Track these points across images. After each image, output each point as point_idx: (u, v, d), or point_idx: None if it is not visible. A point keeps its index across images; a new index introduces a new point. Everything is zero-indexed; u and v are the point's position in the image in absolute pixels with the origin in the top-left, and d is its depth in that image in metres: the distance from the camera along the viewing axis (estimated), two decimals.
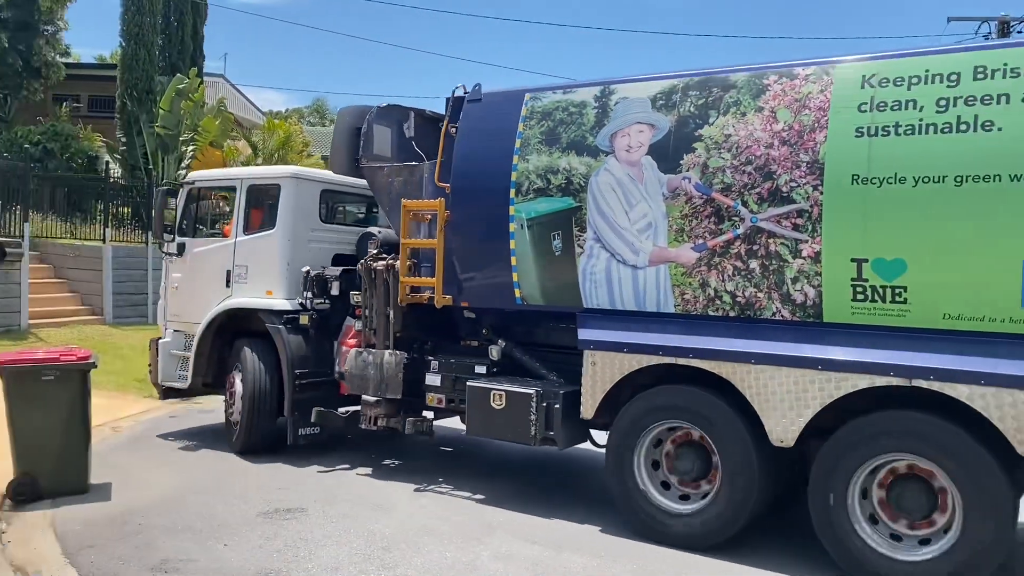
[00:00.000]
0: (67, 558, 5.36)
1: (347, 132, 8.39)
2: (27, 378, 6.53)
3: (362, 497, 6.84)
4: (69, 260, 17.54)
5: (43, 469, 6.57)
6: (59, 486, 6.63)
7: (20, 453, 6.57)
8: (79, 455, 6.81)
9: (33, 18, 22.45)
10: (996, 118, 4.87)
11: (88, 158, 22.12)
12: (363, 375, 7.78)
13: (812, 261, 5.37)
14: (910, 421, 5.09)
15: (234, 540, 5.76)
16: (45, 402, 6.60)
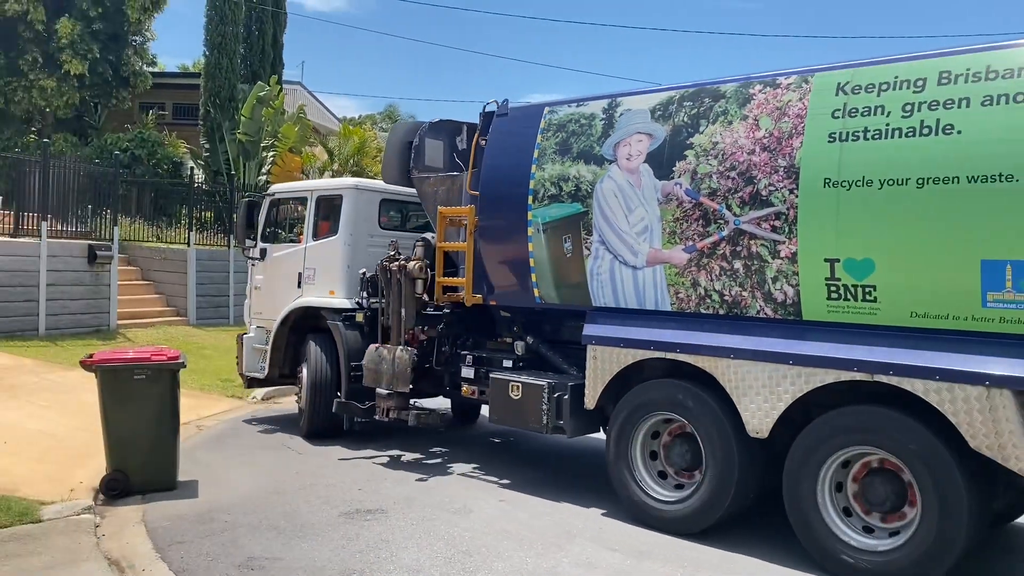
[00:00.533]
0: (158, 553, 5.48)
1: (399, 146, 9.14)
2: (120, 376, 6.67)
3: (441, 500, 6.86)
4: (156, 263, 17.96)
5: (134, 465, 6.69)
6: (149, 482, 6.75)
7: (112, 449, 6.69)
8: (168, 452, 6.93)
9: (123, 29, 23.27)
10: (956, 122, 4.97)
11: (173, 164, 22.46)
12: (377, 369, 8.37)
13: (790, 261, 5.59)
14: (871, 416, 5.22)
15: (317, 540, 5.81)
16: (137, 400, 6.71)
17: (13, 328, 13.68)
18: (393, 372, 8.23)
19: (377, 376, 8.39)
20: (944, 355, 4.93)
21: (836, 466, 5.43)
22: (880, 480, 5.31)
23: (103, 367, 6.67)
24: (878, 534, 5.35)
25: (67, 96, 22.13)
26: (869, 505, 5.38)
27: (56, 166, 15.83)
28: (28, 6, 21.12)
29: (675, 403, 6.22)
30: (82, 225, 16.27)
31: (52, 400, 9.40)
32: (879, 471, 5.35)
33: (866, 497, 5.37)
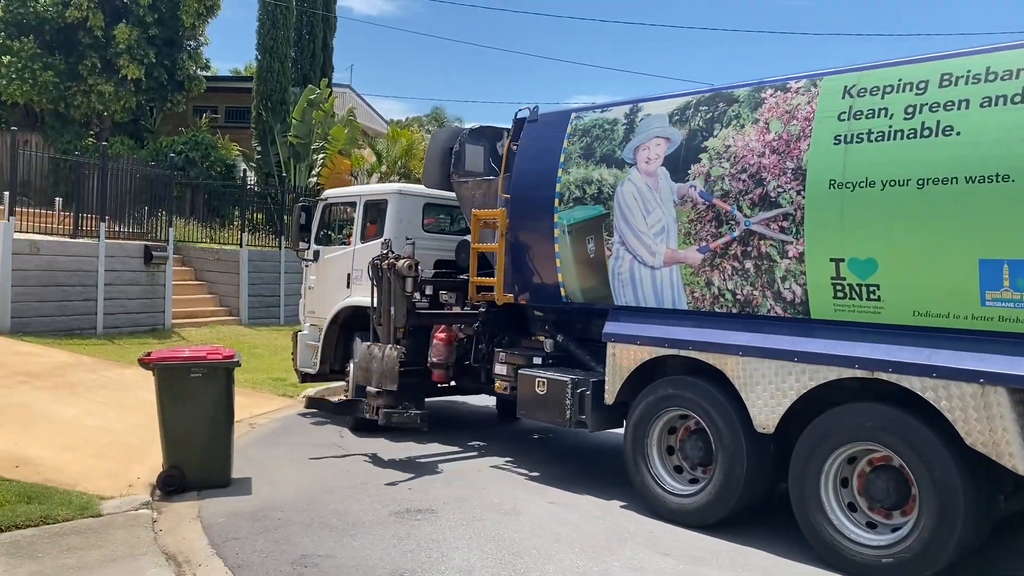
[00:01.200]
0: (213, 549, 5.60)
1: (440, 152, 9.53)
2: (177, 374, 6.84)
3: (490, 501, 6.90)
4: (209, 263, 18.35)
5: (189, 462, 6.85)
6: (204, 479, 6.92)
7: (169, 446, 6.86)
8: (223, 449, 7.07)
9: (177, 35, 23.81)
10: (955, 123, 5.09)
11: (226, 166, 22.83)
12: (368, 368, 8.54)
13: (797, 261, 5.76)
14: (872, 413, 5.37)
15: (368, 538, 5.89)
16: (193, 398, 6.87)
17: (72, 326, 14.33)
18: (382, 371, 8.40)
19: (367, 375, 8.56)
20: (942, 353, 5.07)
21: (840, 462, 5.59)
22: (882, 476, 5.45)
23: (160, 365, 6.86)
24: (880, 529, 5.49)
25: (124, 100, 22.92)
26: (872, 501, 5.53)
27: (114, 168, 16.49)
28: (88, 13, 21.93)
29: (687, 399, 6.45)
30: (138, 226, 16.86)
31: (110, 397, 9.94)
32: (881, 468, 5.50)
33: (869, 493, 5.53)
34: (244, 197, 20.30)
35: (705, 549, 5.92)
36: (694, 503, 6.35)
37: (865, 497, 5.56)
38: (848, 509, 5.61)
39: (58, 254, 14.34)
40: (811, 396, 5.67)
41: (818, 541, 5.62)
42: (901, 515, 5.41)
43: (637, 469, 6.77)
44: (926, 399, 5.09)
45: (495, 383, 8.55)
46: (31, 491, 6.17)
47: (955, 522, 4.98)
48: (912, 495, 5.29)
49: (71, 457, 7.38)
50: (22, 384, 9.83)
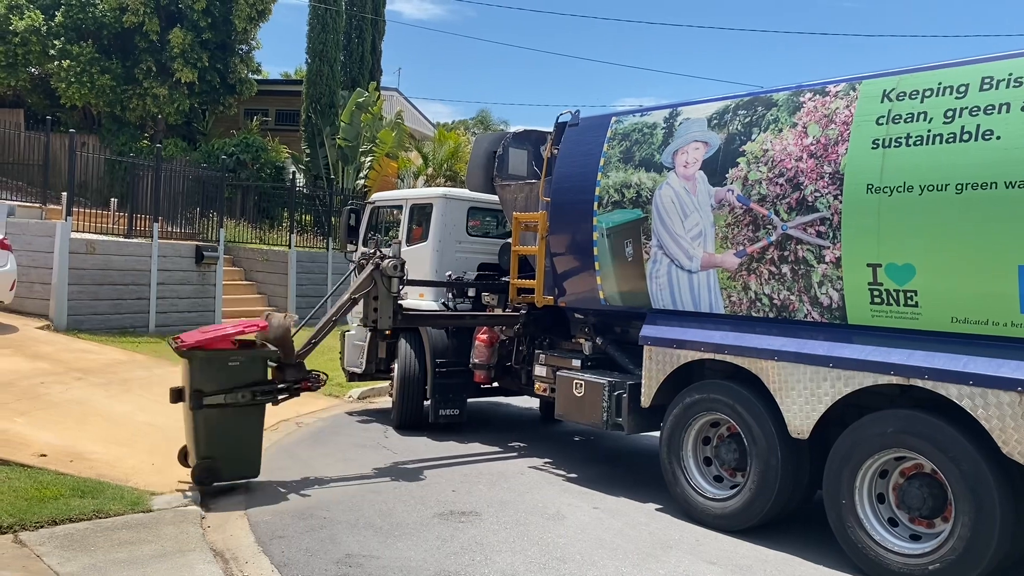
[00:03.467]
0: (260, 546, 5.70)
1: (483, 155, 9.68)
2: (214, 365, 6.91)
3: (534, 505, 6.93)
4: (258, 263, 18.66)
5: (224, 454, 6.90)
6: (237, 471, 7.03)
7: (205, 439, 6.87)
8: (255, 441, 7.15)
9: (230, 39, 24.18)
10: (996, 127, 5.04)
11: (276, 168, 23.30)
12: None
13: (834, 266, 5.74)
14: (908, 420, 5.34)
15: (412, 539, 5.96)
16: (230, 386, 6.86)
17: (125, 324, 14.77)
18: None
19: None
20: (980, 360, 5.02)
21: (876, 468, 5.57)
22: (918, 484, 5.41)
23: (200, 355, 6.86)
24: (915, 537, 5.45)
25: (178, 103, 23.46)
26: (907, 509, 5.49)
27: (167, 170, 16.93)
28: (144, 18, 22.51)
29: (723, 402, 6.46)
30: (190, 227, 17.28)
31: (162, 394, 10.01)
32: (917, 475, 5.46)
33: (904, 501, 5.49)
34: (293, 199, 20.66)
35: (752, 557, 5.89)
36: (730, 506, 6.36)
37: (904, 509, 5.52)
38: (889, 524, 5.56)
39: (113, 253, 14.78)
40: (848, 402, 5.66)
41: (850, 546, 5.60)
42: (943, 521, 5.36)
43: (673, 472, 6.80)
44: (962, 407, 5.04)
45: (535, 384, 8.64)
46: (84, 485, 6.40)
47: (992, 532, 4.93)
48: (948, 500, 5.25)
49: (123, 452, 7.63)
50: (78, 380, 10.16)
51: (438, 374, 9.52)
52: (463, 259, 10.15)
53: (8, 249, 12.75)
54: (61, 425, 8.17)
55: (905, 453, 5.41)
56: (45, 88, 23.99)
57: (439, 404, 9.52)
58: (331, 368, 12.36)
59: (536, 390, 8.64)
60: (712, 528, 6.42)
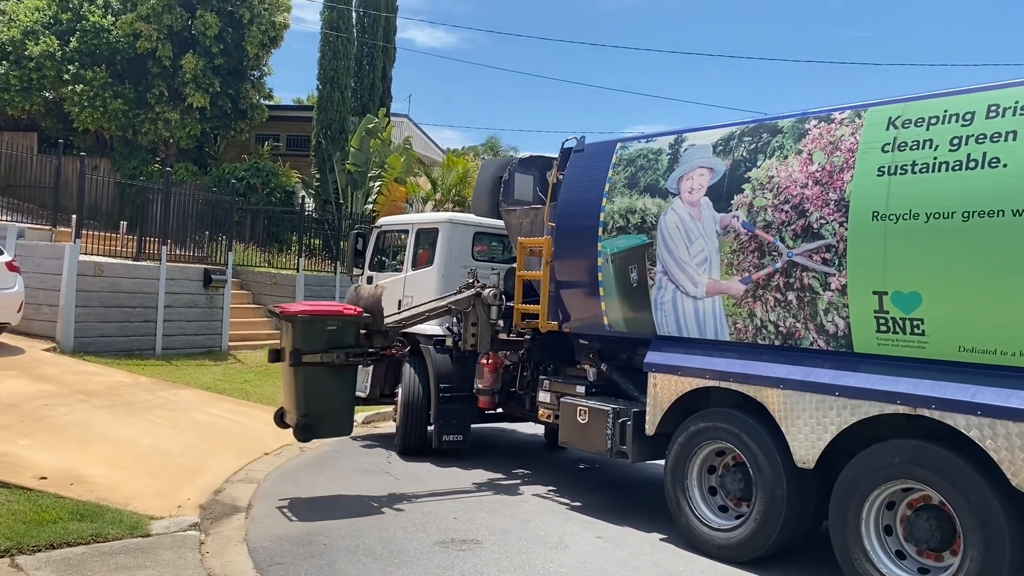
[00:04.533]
0: (258, 573, 5.65)
1: (489, 180, 9.72)
2: (315, 327, 7.52)
3: (536, 534, 6.86)
4: (266, 287, 18.68)
5: (321, 412, 7.56)
6: (332, 429, 7.85)
7: (303, 397, 7.48)
8: (348, 401, 7.84)
9: (242, 65, 24.41)
10: (1002, 155, 5.01)
11: (285, 193, 23.40)
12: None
13: (840, 293, 5.69)
14: (915, 451, 5.25)
15: (412, 568, 5.88)
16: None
17: (132, 347, 14.76)
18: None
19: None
20: (988, 390, 4.94)
21: (883, 500, 5.47)
22: (926, 517, 5.31)
23: (301, 318, 7.52)
24: (923, 571, 5.35)
25: (189, 128, 23.64)
26: (915, 542, 5.38)
27: (177, 194, 17.02)
28: (157, 44, 22.76)
29: (727, 431, 6.38)
30: (199, 250, 17.34)
31: (166, 418, 10.22)
32: (925, 507, 5.36)
33: (912, 533, 5.38)
34: (302, 223, 20.77)
35: None
36: (735, 537, 6.26)
37: (912, 542, 5.42)
38: (896, 557, 5.46)
39: (121, 276, 14.82)
40: (855, 431, 5.58)
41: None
42: (951, 554, 5.26)
43: (677, 501, 6.72)
44: (971, 438, 4.96)
45: (539, 411, 8.58)
46: (84, 509, 6.36)
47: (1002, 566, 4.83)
48: (957, 533, 5.15)
49: (124, 476, 7.59)
50: (81, 403, 10.15)
51: (442, 399, 9.48)
52: None
53: (16, 271, 12.80)
54: (63, 448, 8.15)
55: (912, 484, 5.32)
56: (59, 112, 24.22)
57: (443, 430, 9.45)
58: None
59: (540, 416, 8.58)
60: (717, 559, 6.31)
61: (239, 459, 8.77)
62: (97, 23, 22.89)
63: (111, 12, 23.45)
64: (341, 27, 24.05)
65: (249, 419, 10.93)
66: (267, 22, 23.84)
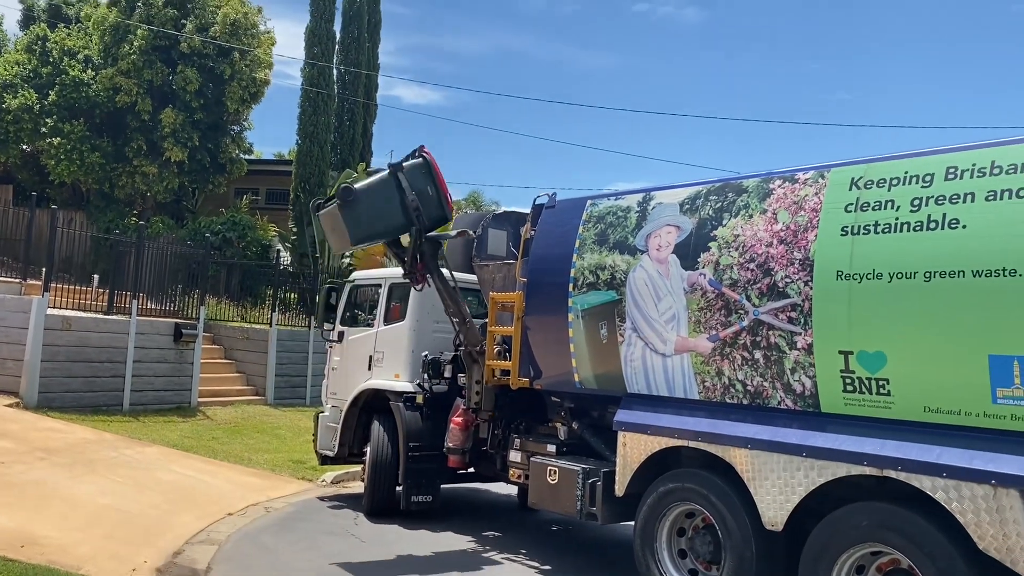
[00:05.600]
0: None
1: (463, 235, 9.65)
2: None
3: None
4: (238, 342, 18.41)
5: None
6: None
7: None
8: None
9: (222, 119, 24.47)
10: (962, 216, 5.04)
11: (262, 247, 23.17)
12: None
13: (806, 353, 5.66)
14: (883, 513, 5.19)
15: None
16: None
17: (99, 402, 14.44)
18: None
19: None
20: (953, 451, 4.90)
21: (852, 563, 5.38)
22: None
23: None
24: None
25: (167, 181, 23.61)
26: None
27: (150, 247, 16.90)
28: (137, 98, 22.84)
29: (696, 492, 6.29)
30: (171, 304, 17.15)
31: (128, 476, 9.97)
32: (895, 571, 5.27)
33: None
34: (277, 277, 20.63)
35: None
36: None
37: None
38: None
39: (90, 330, 14.60)
40: (824, 493, 5.51)
41: None
42: None
43: (646, 565, 6.60)
44: (937, 500, 4.90)
45: (509, 471, 8.44)
46: (31, 573, 6.14)
47: None
48: None
49: (79, 537, 7.35)
50: (40, 461, 9.90)
51: (411, 458, 9.30)
52: (441, 339, 10.00)
53: None
54: (16, 507, 7.90)
55: (881, 548, 5.24)
56: (35, 165, 24.16)
57: (412, 490, 9.26)
58: (306, 451, 12.18)
59: (511, 476, 8.44)
60: None
61: (202, 519, 8.54)
62: (77, 77, 22.99)
63: (91, 67, 23.57)
64: (322, 84, 24.25)
65: (215, 478, 10.69)
66: (248, 78, 24.00)
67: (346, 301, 11.09)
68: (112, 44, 23.26)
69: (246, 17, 23.91)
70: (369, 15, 26.71)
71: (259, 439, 13.91)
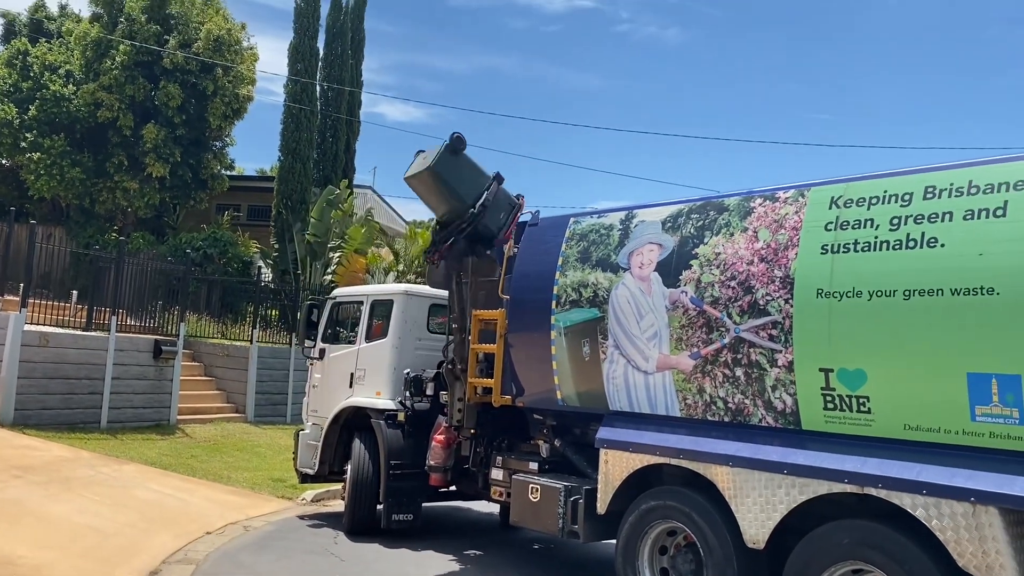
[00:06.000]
0: None
1: None
2: None
3: None
4: (219, 359, 18.30)
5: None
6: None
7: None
8: None
9: (204, 135, 24.43)
10: (940, 235, 5.10)
11: (243, 263, 23.10)
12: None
13: (787, 370, 5.69)
14: (865, 531, 5.20)
15: None
16: None
17: (76, 420, 14.27)
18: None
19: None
20: (932, 469, 4.93)
21: None
22: None
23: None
24: None
25: (148, 197, 23.47)
26: None
27: (130, 263, 16.78)
28: (118, 113, 22.74)
29: (677, 509, 6.29)
30: (151, 320, 17.00)
31: (105, 494, 9.84)
32: None
33: None
34: (258, 293, 20.49)
35: None
36: None
37: None
38: None
39: (68, 347, 14.43)
40: (806, 510, 5.51)
41: None
42: None
43: None
44: (917, 517, 4.92)
45: (491, 488, 8.40)
46: None
47: None
48: None
49: (52, 557, 7.24)
50: (16, 479, 9.75)
51: (392, 476, 9.23)
52: (423, 356, 9.97)
53: None
54: None
55: (862, 566, 5.24)
56: (15, 179, 23.98)
57: (392, 508, 9.19)
58: (286, 469, 12.07)
59: (492, 494, 8.40)
60: None
61: (179, 538, 8.43)
62: (58, 92, 22.87)
63: (73, 81, 23.46)
64: (305, 100, 24.20)
65: (194, 496, 10.57)
66: (231, 94, 23.95)
67: (328, 318, 11.04)
68: (94, 59, 23.19)
69: (229, 33, 23.89)
70: (353, 32, 26.73)
71: (239, 457, 13.78)
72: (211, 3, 25.05)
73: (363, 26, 27.38)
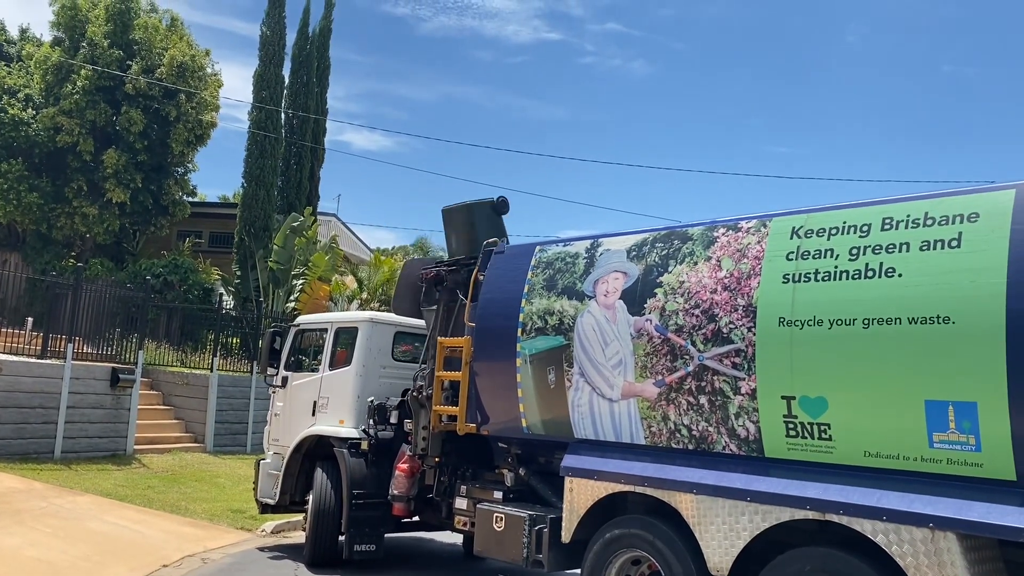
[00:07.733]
0: None
1: (410, 280, 9.65)
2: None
3: None
4: (177, 388, 18.03)
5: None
6: None
7: None
8: None
9: (166, 161, 24.38)
10: (897, 265, 5.22)
11: (204, 290, 22.91)
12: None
13: (750, 398, 5.75)
14: (826, 558, 5.25)
15: None
16: None
17: (29, 450, 13.94)
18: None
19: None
20: (892, 495, 5.00)
21: None
22: None
23: None
24: None
25: (107, 223, 23.18)
26: None
27: (88, 290, 16.49)
28: (78, 138, 22.50)
29: (641, 538, 6.29)
30: (108, 348, 16.70)
31: (57, 527, 9.60)
32: None
33: None
34: (219, 321, 20.26)
35: None
36: None
37: None
38: None
39: (22, 375, 14.12)
40: (769, 538, 5.55)
41: None
42: None
43: None
44: (877, 543, 4.98)
45: (455, 518, 8.33)
46: None
47: None
48: None
49: None
50: None
51: (355, 506, 9.11)
52: (387, 384, 9.91)
53: None
54: None
55: None
56: None
57: (354, 539, 9.05)
58: (246, 499, 11.87)
59: (456, 524, 8.32)
60: None
61: (135, 571, 8.25)
62: (16, 116, 22.58)
63: (32, 105, 23.18)
64: (269, 127, 24.10)
65: (150, 528, 10.34)
66: (194, 120, 23.83)
67: (291, 346, 10.92)
68: (55, 83, 22.97)
69: (193, 60, 23.80)
70: (319, 61, 26.76)
71: (197, 487, 13.52)
72: (175, 29, 24.96)
73: (328, 54, 27.45)
